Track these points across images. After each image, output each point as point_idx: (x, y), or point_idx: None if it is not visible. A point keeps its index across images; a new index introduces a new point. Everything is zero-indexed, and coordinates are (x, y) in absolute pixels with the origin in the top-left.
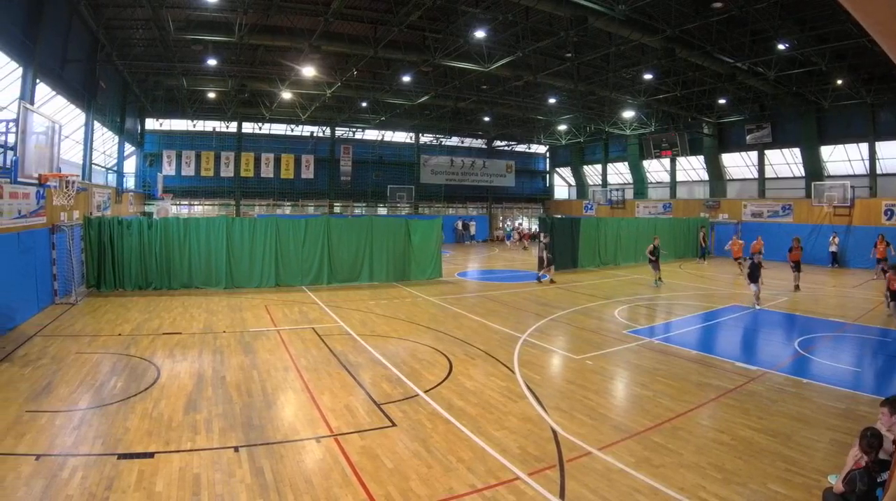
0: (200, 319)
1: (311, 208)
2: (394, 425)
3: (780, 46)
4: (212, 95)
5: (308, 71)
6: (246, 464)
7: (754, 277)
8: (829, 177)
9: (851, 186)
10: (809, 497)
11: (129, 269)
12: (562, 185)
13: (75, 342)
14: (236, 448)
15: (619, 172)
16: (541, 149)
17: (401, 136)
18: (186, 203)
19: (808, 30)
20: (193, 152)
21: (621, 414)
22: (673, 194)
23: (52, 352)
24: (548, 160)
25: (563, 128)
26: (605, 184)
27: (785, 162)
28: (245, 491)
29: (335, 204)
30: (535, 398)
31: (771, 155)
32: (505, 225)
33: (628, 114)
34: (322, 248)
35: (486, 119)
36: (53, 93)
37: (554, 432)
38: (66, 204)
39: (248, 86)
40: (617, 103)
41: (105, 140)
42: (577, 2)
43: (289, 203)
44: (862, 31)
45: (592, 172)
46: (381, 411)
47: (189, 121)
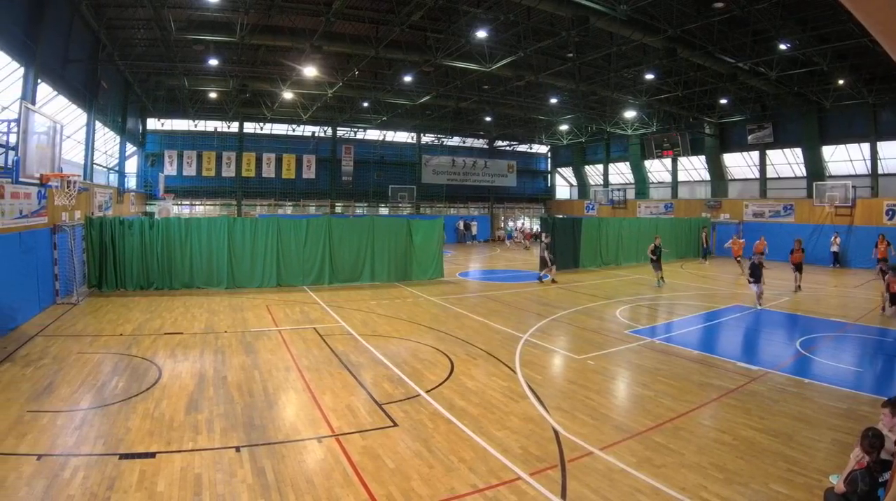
0: (202, 319)
1: (313, 208)
2: (395, 425)
3: (782, 46)
4: (213, 95)
5: (309, 71)
6: (247, 464)
7: (756, 278)
8: (831, 177)
9: (853, 186)
10: (811, 498)
11: (130, 269)
12: (563, 185)
13: (77, 342)
14: (238, 449)
15: (621, 172)
16: (542, 149)
17: (402, 136)
18: (188, 203)
19: (809, 30)
20: (195, 152)
21: (623, 414)
22: (674, 194)
23: (54, 352)
24: (549, 160)
25: (564, 128)
26: (606, 184)
27: (786, 162)
28: (246, 491)
29: (337, 204)
30: (537, 398)
31: (772, 155)
32: (506, 225)
33: (630, 114)
34: (323, 248)
35: (488, 119)
36: (55, 93)
37: (555, 432)
38: (67, 204)
39: (250, 86)
40: (618, 103)
41: (106, 140)
42: (578, 2)
43: (290, 203)
44: (863, 31)
45: (594, 172)
46: (383, 411)
47: (190, 121)
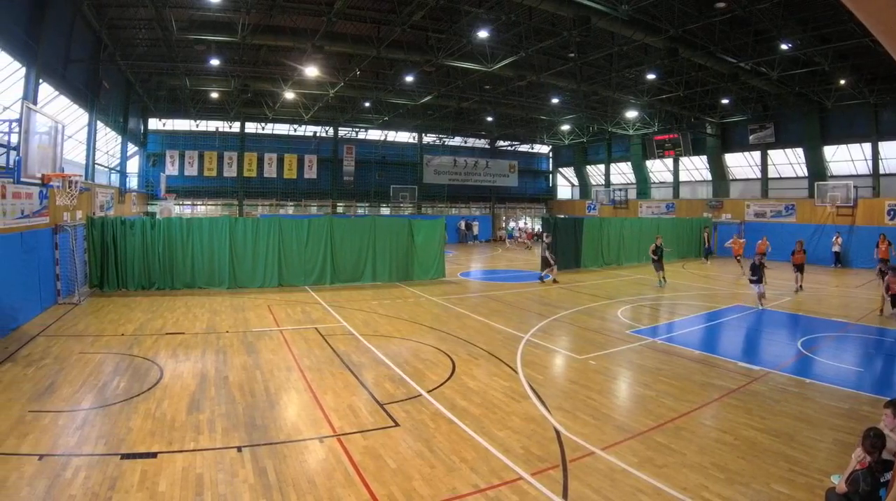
0: (203, 319)
1: (314, 208)
2: (397, 425)
3: (783, 46)
4: (215, 95)
5: (311, 71)
6: (249, 464)
7: (757, 278)
8: (832, 177)
9: (854, 186)
10: (812, 498)
11: (132, 269)
12: (565, 185)
13: (78, 342)
14: (239, 449)
15: (622, 172)
16: (544, 149)
17: (404, 136)
18: (189, 203)
19: (810, 30)
20: (196, 152)
21: (624, 414)
22: (676, 194)
23: (55, 352)
24: (551, 160)
25: (566, 128)
26: (608, 184)
27: (788, 162)
28: (248, 491)
29: (338, 204)
30: (538, 398)
31: (774, 155)
32: (508, 225)
33: (631, 114)
34: (325, 248)
35: (489, 119)
36: (56, 93)
37: (557, 432)
38: (69, 204)
39: (251, 86)
40: (620, 103)
41: (108, 140)
42: (580, 2)
43: (292, 203)
44: (865, 32)
45: (595, 172)
46: (384, 411)
47: (192, 121)
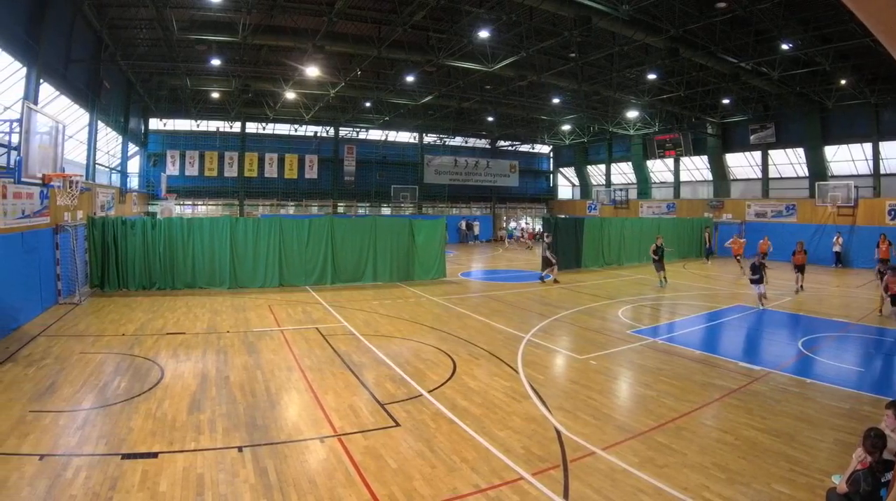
0: (204, 319)
1: (315, 208)
2: (397, 425)
3: (784, 46)
4: (215, 95)
5: (312, 71)
6: (250, 464)
7: (757, 278)
8: (833, 177)
9: (855, 186)
10: (813, 498)
11: (132, 269)
12: (565, 185)
13: (79, 342)
14: (240, 448)
15: (623, 172)
16: (544, 149)
17: (404, 136)
18: (190, 203)
19: (811, 30)
20: (197, 152)
21: (625, 414)
22: (677, 194)
23: (56, 352)
24: (551, 160)
25: (566, 128)
26: (608, 184)
27: (789, 162)
28: (249, 491)
29: (339, 204)
30: (539, 398)
31: (775, 155)
32: (508, 225)
33: (632, 114)
34: (326, 248)
35: (490, 119)
36: (57, 93)
37: (558, 432)
38: (69, 204)
39: (252, 86)
40: (621, 103)
41: (109, 140)
42: (580, 2)
43: (292, 203)
44: (866, 32)
45: (596, 172)
46: (385, 411)
47: (193, 121)
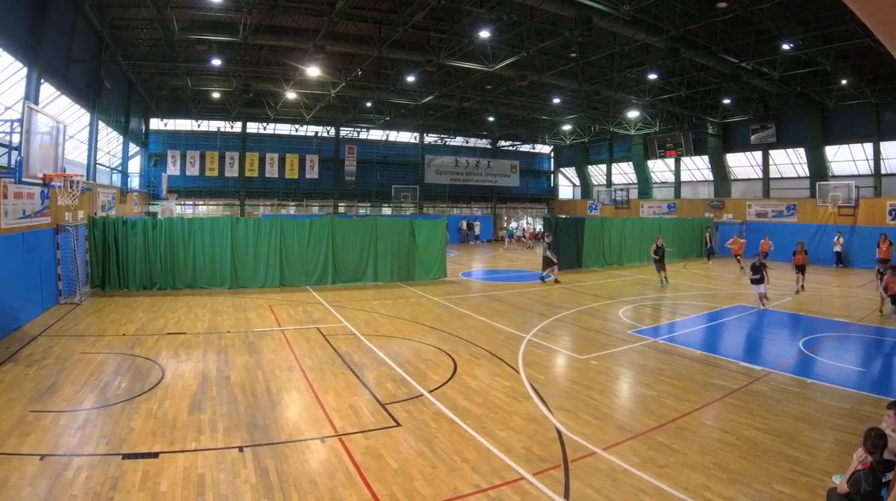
0: (205, 319)
1: (316, 208)
2: (398, 425)
3: (785, 46)
4: (216, 95)
5: (312, 71)
6: (250, 464)
7: (758, 278)
8: (834, 177)
9: (856, 186)
10: (814, 498)
11: (133, 269)
12: (566, 185)
13: (80, 342)
14: (241, 449)
15: (624, 172)
16: (545, 149)
17: (405, 136)
18: (191, 203)
19: (812, 30)
20: (198, 152)
21: (626, 414)
22: (677, 194)
23: (57, 352)
24: (552, 160)
25: (567, 128)
26: (609, 184)
27: (789, 162)
28: (249, 491)
29: (339, 204)
30: (540, 398)
31: (775, 155)
32: (509, 225)
33: (633, 114)
34: (326, 248)
35: (491, 119)
36: (58, 93)
37: (558, 432)
38: (70, 204)
39: (253, 86)
40: (621, 103)
41: (109, 140)
42: (581, 2)
43: (293, 203)
44: (866, 32)
45: (597, 172)
46: (386, 411)
47: (193, 121)
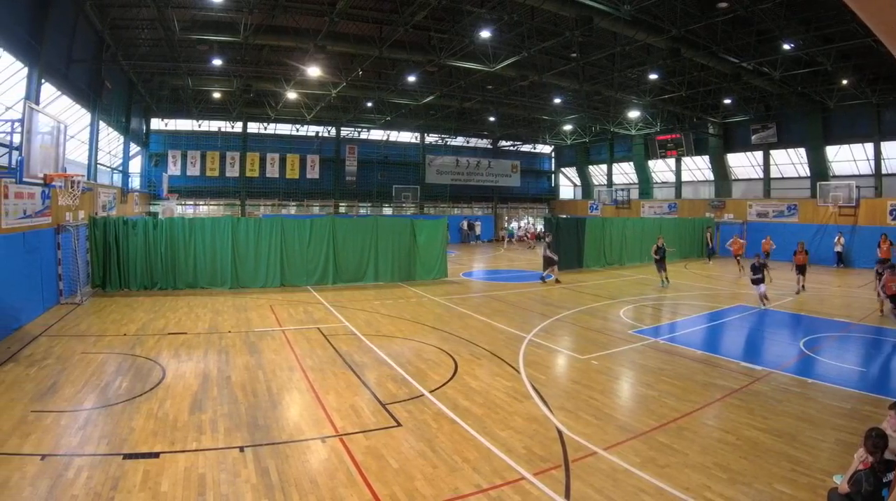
0: (206, 319)
1: (317, 208)
2: (399, 425)
3: (786, 46)
4: (217, 95)
5: (313, 71)
6: (251, 464)
7: (759, 278)
8: (835, 177)
9: (857, 186)
10: (815, 498)
11: (134, 269)
12: (567, 185)
13: (81, 342)
14: (241, 449)
15: (625, 172)
16: (546, 149)
17: (406, 136)
18: (192, 203)
19: (813, 30)
20: (199, 152)
21: (626, 414)
22: (678, 194)
23: (58, 352)
24: (553, 160)
25: (568, 128)
26: (610, 184)
27: (790, 162)
28: (250, 491)
29: (340, 204)
30: (541, 398)
31: (776, 155)
32: (510, 225)
33: (633, 114)
34: (327, 248)
35: (492, 119)
36: (59, 93)
37: (559, 432)
38: (71, 204)
39: (254, 86)
40: (622, 103)
41: (110, 140)
42: (582, 2)
43: (294, 203)
44: (867, 32)
45: (598, 172)
46: (387, 411)
47: (194, 121)
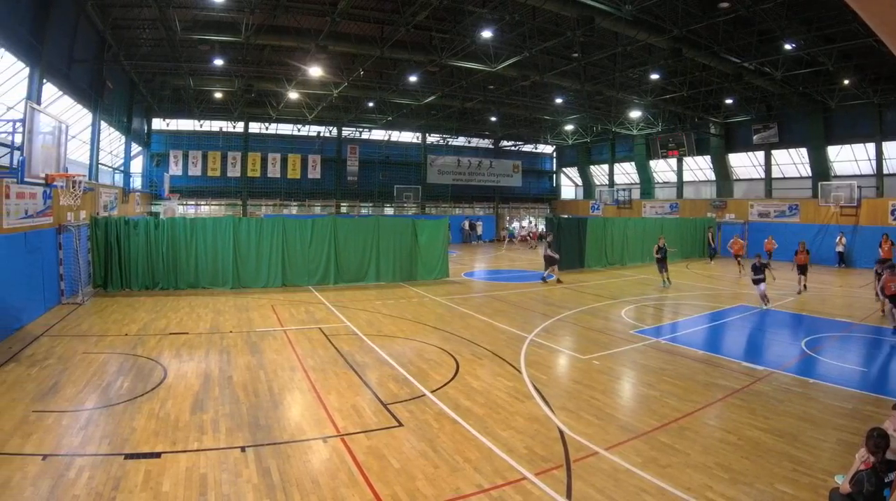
0: (207, 319)
1: (318, 208)
2: (400, 425)
3: (787, 46)
4: (218, 95)
5: (315, 71)
6: (253, 464)
7: (759, 278)
8: (836, 177)
9: (858, 186)
10: (816, 498)
11: (135, 269)
12: (568, 185)
13: (82, 342)
14: (243, 449)
15: (626, 172)
16: (547, 149)
17: (407, 136)
18: (193, 203)
19: (814, 30)
20: (200, 152)
21: (628, 414)
22: (680, 194)
23: (59, 352)
24: (554, 160)
25: (569, 128)
26: (611, 184)
27: (791, 162)
28: (252, 491)
29: (342, 204)
30: (542, 398)
31: (777, 155)
32: (511, 225)
33: (635, 114)
34: (329, 248)
35: (493, 119)
36: (60, 93)
37: (561, 432)
38: (72, 204)
39: (255, 86)
40: (624, 103)
41: (112, 140)
42: (583, 2)
43: (295, 203)
44: (869, 32)
45: (599, 172)
46: (388, 411)
47: (196, 121)
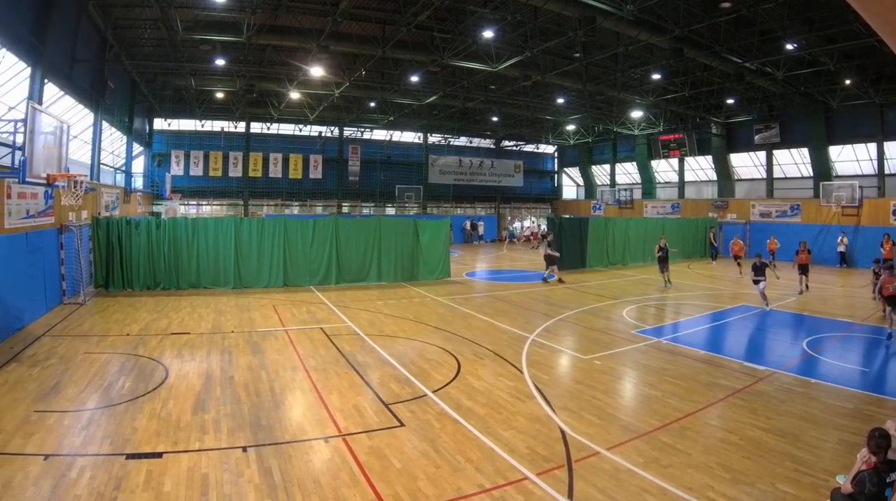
0: (209, 319)
1: (320, 208)
2: (402, 425)
3: (789, 46)
4: (220, 95)
5: (316, 71)
6: (254, 464)
7: (760, 278)
8: (838, 177)
9: (860, 186)
10: (818, 498)
11: (137, 269)
12: (570, 185)
13: (84, 342)
14: (244, 449)
15: (628, 172)
16: (549, 149)
17: (409, 136)
18: (195, 203)
19: (816, 30)
20: (202, 152)
21: (629, 414)
22: (681, 194)
23: (61, 352)
24: (556, 160)
25: (571, 128)
26: (613, 184)
27: (793, 162)
28: (253, 491)
29: (343, 204)
30: (544, 398)
31: (779, 155)
32: (512, 225)
33: (637, 114)
34: (330, 248)
35: (495, 119)
36: (62, 93)
37: (562, 432)
38: (74, 204)
39: (257, 86)
40: (625, 103)
41: (113, 140)
42: (585, 2)
43: (297, 203)
44: (870, 32)
45: (601, 172)
46: (390, 411)
47: (197, 121)
